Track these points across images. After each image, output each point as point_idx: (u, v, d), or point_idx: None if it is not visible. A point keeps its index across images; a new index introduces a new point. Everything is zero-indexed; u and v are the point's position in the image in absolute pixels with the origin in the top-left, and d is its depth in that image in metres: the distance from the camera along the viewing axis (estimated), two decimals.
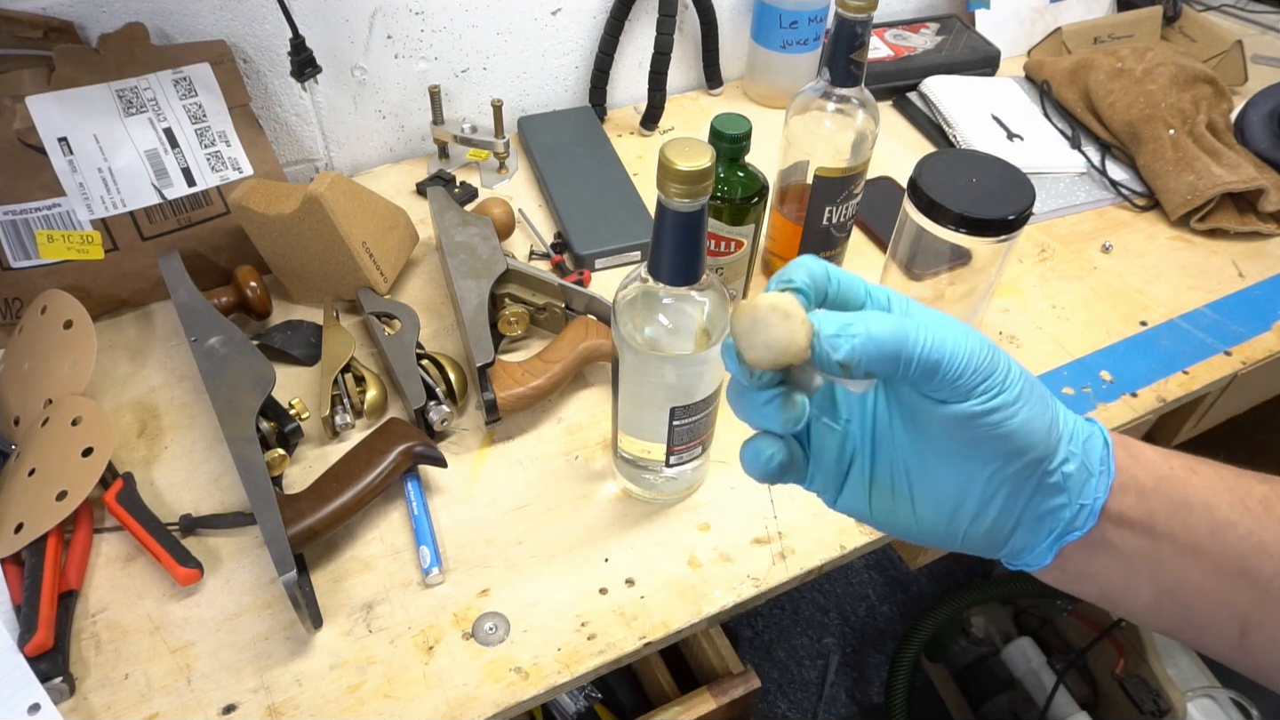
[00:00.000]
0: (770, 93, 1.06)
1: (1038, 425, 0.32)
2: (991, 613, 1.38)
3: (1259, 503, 0.33)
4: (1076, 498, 0.33)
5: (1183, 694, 1.12)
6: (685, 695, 0.68)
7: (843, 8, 0.64)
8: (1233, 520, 0.33)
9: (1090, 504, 0.33)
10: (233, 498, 0.65)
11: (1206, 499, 0.33)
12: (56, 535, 0.59)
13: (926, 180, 0.67)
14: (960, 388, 0.30)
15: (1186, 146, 0.92)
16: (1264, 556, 0.32)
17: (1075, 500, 0.33)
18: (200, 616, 0.59)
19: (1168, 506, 0.33)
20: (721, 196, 0.71)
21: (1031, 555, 0.35)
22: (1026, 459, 0.32)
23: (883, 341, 0.30)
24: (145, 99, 0.75)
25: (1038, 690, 1.24)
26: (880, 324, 0.30)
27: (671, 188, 0.45)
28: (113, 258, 0.75)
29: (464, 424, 0.71)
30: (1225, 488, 0.33)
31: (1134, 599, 0.35)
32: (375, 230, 0.76)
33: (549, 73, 1.00)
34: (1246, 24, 1.21)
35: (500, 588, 0.60)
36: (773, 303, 0.30)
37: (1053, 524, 0.33)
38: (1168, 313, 0.83)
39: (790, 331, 0.29)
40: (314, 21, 0.83)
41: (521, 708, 0.56)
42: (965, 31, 1.13)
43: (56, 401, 0.64)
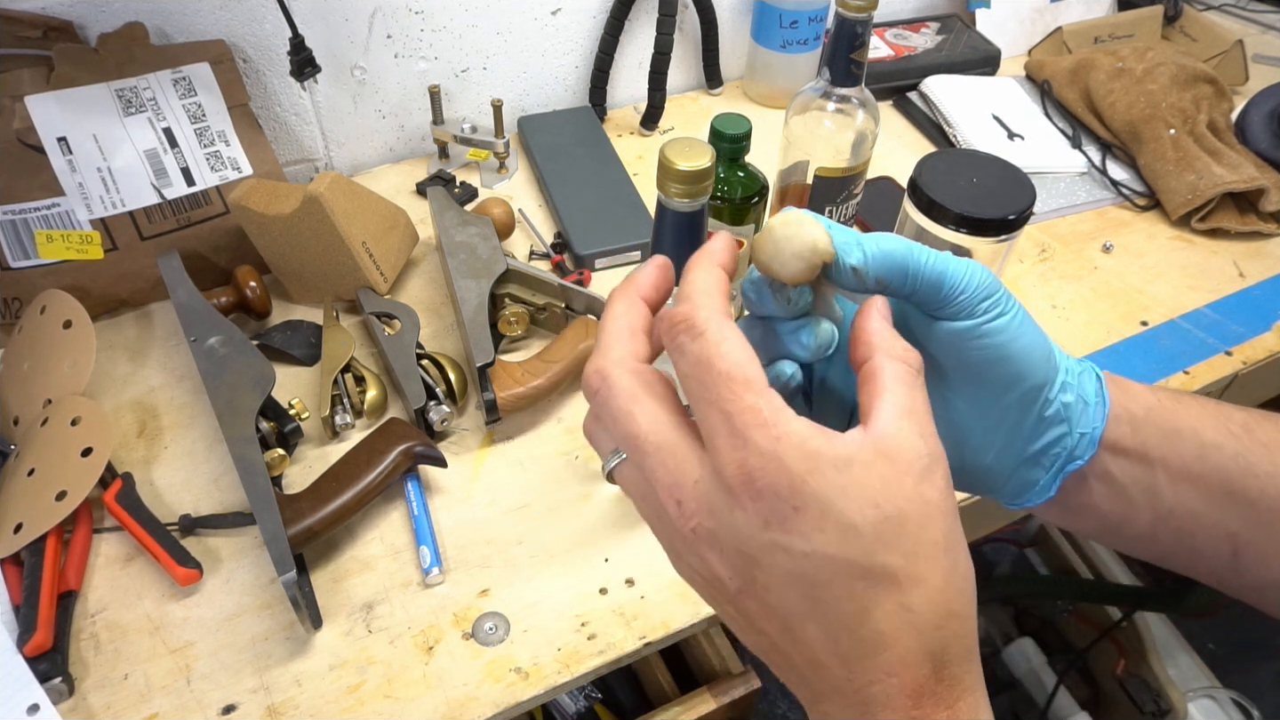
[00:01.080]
0: (770, 93, 1.06)
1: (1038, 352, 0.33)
2: (992, 613, 1.38)
3: (1240, 427, 0.35)
4: (1076, 426, 0.34)
5: (1183, 694, 1.12)
6: (685, 695, 0.68)
7: (843, 7, 0.64)
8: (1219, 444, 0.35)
9: (1090, 433, 0.35)
10: (232, 498, 0.65)
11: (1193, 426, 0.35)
12: (56, 535, 0.59)
13: (927, 180, 0.67)
14: (965, 303, 0.32)
15: (1187, 146, 0.92)
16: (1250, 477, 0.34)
17: (1075, 429, 0.34)
18: (200, 617, 0.58)
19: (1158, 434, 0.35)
20: (721, 196, 0.71)
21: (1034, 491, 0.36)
22: (1027, 384, 0.33)
23: (890, 251, 0.31)
24: (144, 98, 0.75)
25: (1038, 690, 1.23)
26: (889, 239, 0.32)
27: (671, 187, 0.45)
28: (112, 257, 0.75)
29: (464, 424, 0.71)
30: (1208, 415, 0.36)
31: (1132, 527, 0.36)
32: (375, 230, 0.76)
33: (549, 73, 1.00)
34: (1247, 23, 1.21)
35: (500, 588, 0.60)
36: (785, 219, 0.31)
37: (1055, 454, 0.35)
38: (1168, 313, 0.83)
39: (812, 234, 0.31)
40: (313, 21, 0.83)
41: (521, 708, 0.55)
42: (966, 31, 1.13)
43: (56, 401, 0.64)
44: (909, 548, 0.28)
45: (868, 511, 0.27)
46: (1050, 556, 1.36)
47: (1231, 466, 0.34)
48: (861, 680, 0.28)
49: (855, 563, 0.27)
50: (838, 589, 0.27)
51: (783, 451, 0.27)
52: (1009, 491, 0.37)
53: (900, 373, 0.30)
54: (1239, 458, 0.34)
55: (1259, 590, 0.36)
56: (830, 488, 0.27)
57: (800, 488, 0.27)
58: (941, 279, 0.32)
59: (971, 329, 0.32)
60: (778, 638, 0.29)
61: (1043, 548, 1.38)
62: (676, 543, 0.30)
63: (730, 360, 0.28)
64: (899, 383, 0.29)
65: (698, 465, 0.29)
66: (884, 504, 0.27)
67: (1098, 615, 1.24)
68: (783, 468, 0.27)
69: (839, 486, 0.27)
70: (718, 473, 0.28)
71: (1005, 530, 1.38)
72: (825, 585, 0.27)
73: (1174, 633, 1.18)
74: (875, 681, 0.28)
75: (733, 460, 0.27)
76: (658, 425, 0.29)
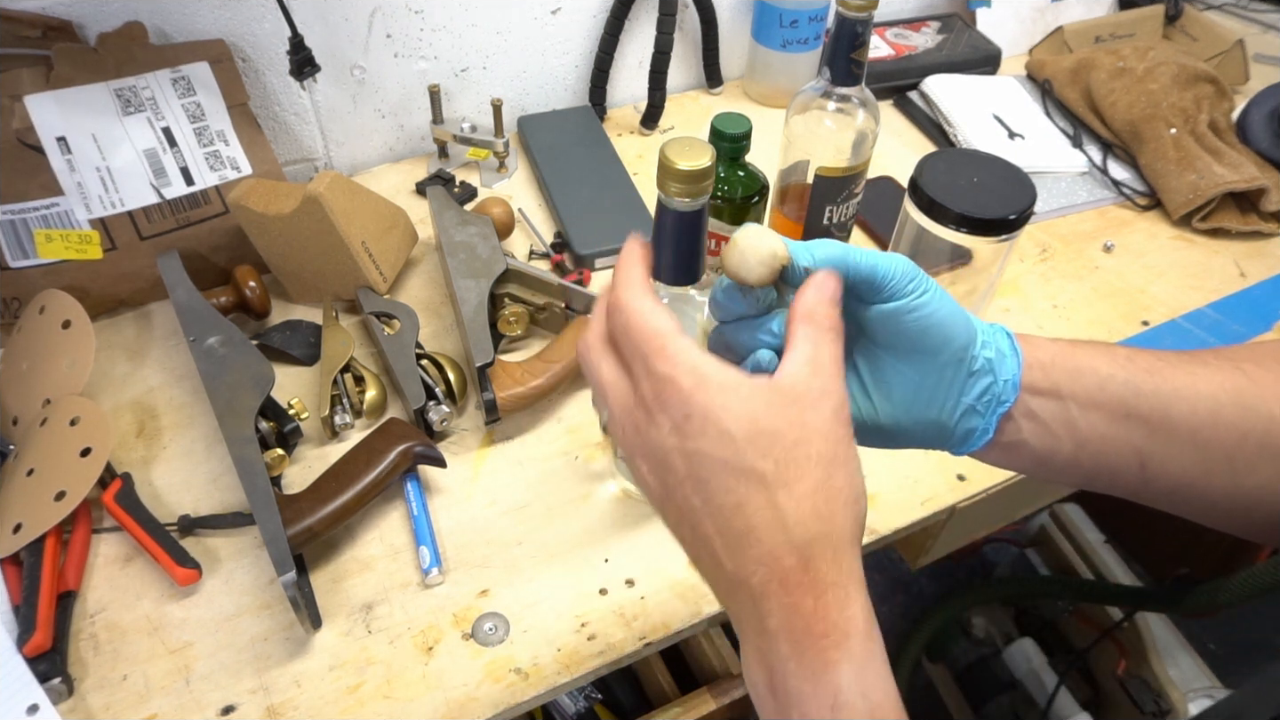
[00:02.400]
0: (770, 92, 1.06)
1: (957, 319, 0.40)
2: (992, 613, 1.38)
3: (1125, 358, 0.42)
4: (1000, 375, 0.41)
5: (1184, 694, 1.12)
6: (685, 696, 0.68)
7: (843, 7, 0.64)
8: (1112, 374, 0.41)
9: (1011, 378, 0.41)
10: (232, 498, 0.65)
11: (1091, 364, 0.41)
12: (55, 536, 0.59)
13: (927, 180, 0.67)
14: (894, 288, 0.39)
15: (1188, 146, 0.91)
16: (1140, 397, 0.41)
17: (1000, 377, 0.41)
18: (199, 617, 0.58)
19: (1064, 374, 0.41)
20: (722, 196, 0.71)
21: (976, 436, 0.42)
22: (955, 345, 0.40)
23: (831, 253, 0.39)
24: (144, 98, 0.75)
25: (1039, 691, 1.23)
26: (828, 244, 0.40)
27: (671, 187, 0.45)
28: (111, 257, 0.75)
29: (463, 424, 0.71)
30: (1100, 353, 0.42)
31: (1058, 456, 0.42)
32: (375, 230, 0.76)
33: (549, 72, 1.00)
34: (1248, 23, 1.21)
35: (500, 588, 0.60)
36: (746, 232, 0.39)
37: (987, 400, 0.41)
38: (1169, 312, 0.82)
39: (770, 243, 0.38)
40: (313, 20, 0.83)
41: (521, 708, 0.55)
42: (966, 30, 1.13)
43: (55, 401, 0.64)
44: (780, 456, 0.34)
45: (744, 423, 0.34)
46: (1050, 556, 1.36)
47: (1124, 391, 0.41)
48: (744, 571, 0.34)
49: (729, 462, 0.34)
50: (716, 484, 0.34)
51: (678, 375, 0.35)
52: (956, 440, 0.43)
53: (807, 332, 0.37)
54: (1129, 383, 0.41)
55: (1168, 495, 0.42)
56: (713, 401, 0.34)
57: (689, 399, 0.34)
58: (874, 270, 0.39)
59: (903, 306, 0.39)
60: (691, 539, 0.36)
61: (1043, 548, 1.38)
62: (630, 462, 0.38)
63: (641, 318, 0.36)
64: (805, 340, 0.37)
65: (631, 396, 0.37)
66: (761, 420, 0.34)
67: (1098, 615, 1.23)
68: (678, 386, 0.35)
69: (721, 402, 0.34)
70: (641, 398, 0.36)
71: (1005, 530, 1.38)
72: (707, 481, 0.35)
73: (1174, 633, 1.18)
74: (753, 572, 0.34)
75: (647, 384, 0.36)
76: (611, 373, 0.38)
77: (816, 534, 0.34)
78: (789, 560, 0.34)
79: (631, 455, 0.38)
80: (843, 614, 0.34)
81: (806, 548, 0.34)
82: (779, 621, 0.34)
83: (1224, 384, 0.41)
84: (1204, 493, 0.42)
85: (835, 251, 0.39)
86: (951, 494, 0.67)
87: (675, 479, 0.35)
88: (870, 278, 0.39)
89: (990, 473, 0.68)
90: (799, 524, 0.34)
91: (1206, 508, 0.43)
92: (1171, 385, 0.41)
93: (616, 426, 0.38)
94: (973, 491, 0.68)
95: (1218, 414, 0.40)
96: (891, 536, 0.65)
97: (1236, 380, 0.41)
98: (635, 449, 0.37)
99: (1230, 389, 0.41)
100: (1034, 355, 0.42)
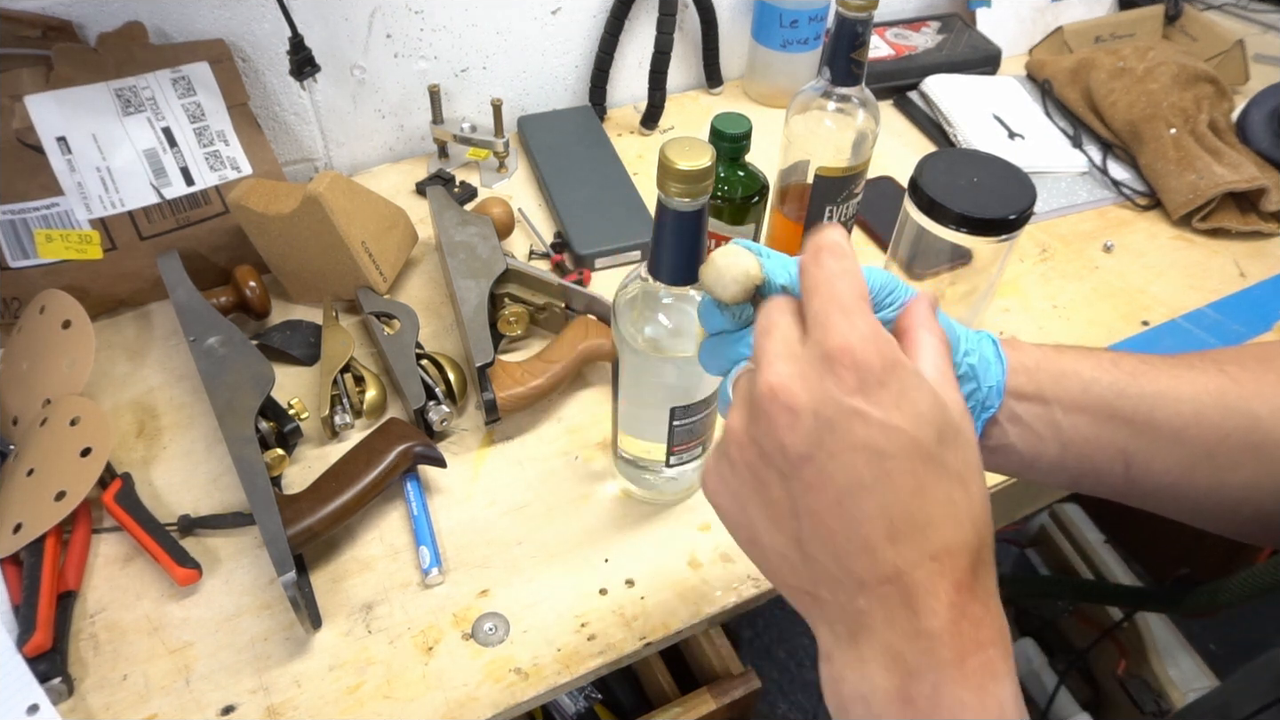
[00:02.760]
0: (770, 92, 1.06)
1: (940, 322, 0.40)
2: None
3: (1109, 361, 0.42)
4: (984, 381, 0.41)
5: (1184, 695, 1.12)
6: (685, 696, 0.68)
7: (843, 7, 0.64)
8: (1096, 377, 0.42)
9: (996, 384, 0.41)
10: (232, 498, 0.65)
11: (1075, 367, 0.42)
12: (55, 536, 0.59)
13: (927, 180, 0.67)
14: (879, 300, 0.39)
15: (1188, 146, 0.91)
16: (1124, 399, 0.41)
17: (984, 383, 0.41)
18: (199, 617, 0.58)
19: (1048, 378, 0.42)
20: (722, 196, 0.71)
21: None
22: None
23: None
24: (144, 98, 0.75)
25: (1039, 691, 1.23)
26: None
27: (671, 187, 0.45)
28: (111, 257, 0.75)
29: (463, 424, 0.71)
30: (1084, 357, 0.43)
31: (1045, 459, 0.43)
32: (375, 230, 0.76)
33: (549, 72, 1.00)
34: (1248, 23, 1.21)
35: (500, 588, 0.60)
36: (723, 251, 0.39)
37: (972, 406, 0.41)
38: (1169, 312, 0.82)
39: (745, 263, 0.38)
40: (313, 20, 0.83)
41: (521, 708, 0.55)
42: (966, 30, 1.13)
43: (55, 401, 0.64)
44: (963, 455, 0.33)
45: (937, 410, 0.32)
46: (1050, 556, 1.36)
47: (1108, 394, 0.41)
48: (908, 561, 0.31)
49: (921, 444, 0.31)
50: (902, 463, 0.31)
51: (881, 339, 0.32)
52: None
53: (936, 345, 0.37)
54: (1113, 386, 0.42)
55: (1152, 494, 0.43)
56: (911, 379, 0.32)
57: (891, 368, 0.32)
58: None
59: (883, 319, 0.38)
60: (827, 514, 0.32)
61: (1043, 548, 1.38)
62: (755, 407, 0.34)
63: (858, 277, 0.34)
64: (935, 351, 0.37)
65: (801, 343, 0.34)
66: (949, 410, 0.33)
67: (1098, 615, 1.23)
68: (879, 350, 0.32)
69: (916, 382, 0.32)
70: (821, 343, 0.32)
71: (1005, 530, 1.38)
72: (892, 457, 0.31)
73: (1175, 633, 1.18)
74: (920, 565, 0.31)
75: (839, 334, 0.32)
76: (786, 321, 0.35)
77: (986, 540, 0.33)
78: (964, 560, 0.31)
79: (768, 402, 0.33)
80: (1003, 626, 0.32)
81: (980, 551, 0.32)
82: (944, 623, 0.31)
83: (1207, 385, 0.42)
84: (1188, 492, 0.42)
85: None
86: None
87: (842, 444, 0.31)
88: None
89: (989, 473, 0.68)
90: (975, 526, 0.32)
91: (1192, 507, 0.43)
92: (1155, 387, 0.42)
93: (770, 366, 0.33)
94: None
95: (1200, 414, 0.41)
96: None
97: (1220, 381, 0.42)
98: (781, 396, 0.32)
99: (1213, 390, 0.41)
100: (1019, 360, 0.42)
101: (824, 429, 0.31)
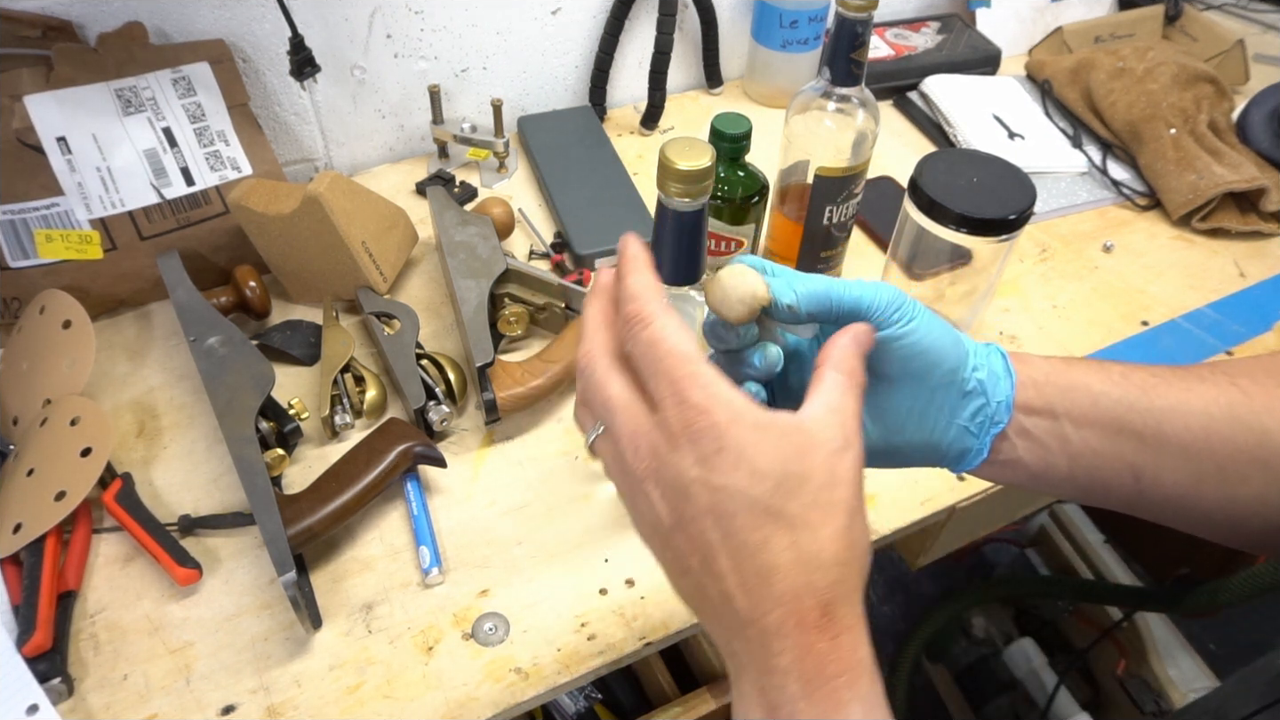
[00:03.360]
0: (770, 92, 1.06)
1: (945, 342, 0.41)
2: (992, 613, 1.38)
3: (1119, 375, 0.43)
4: (993, 396, 0.42)
5: (1184, 695, 1.12)
6: (685, 695, 0.68)
7: (843, 7, 0.64)
8: (1105, 391, 0.42)
9: (1004, 399, 0.42)
10: (232, 498, 0.65)
11: (1084, 381, 0.43)
12: (55, 536, 0.59)
13: (927, 180, 0.67)
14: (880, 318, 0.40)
15: (1188, 146, 0.92)
16: (1134, 413, 0.42)
17: (992, 399, 0.42)
18: (199, 617, 0.58)
19: (1057, 392, 0.42)
20: (722, 196, 0.71)
21: (971, 455, 0.43)
22: (944, 369, 0.41)
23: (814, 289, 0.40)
24: (144, 98, 0.75)
25: (1039, 691, 1.23)
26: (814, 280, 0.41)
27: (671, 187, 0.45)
28: (111, 257, 0.75)
29: (464, 424, 0.71)
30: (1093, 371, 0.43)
31: (1054, 472, 0.43)
32: (375, 230, 0.76)
33: (549, 72, 1.00)
34: (1248, 23, 1.21)
35: (500, 588, 0.60)
36: (730, 270, 0.40)
37: (980, 421, 0.42)
38: (1169, 312, 0.82)
39: (752, 284, 0.39)
40: (313, 20, 0.83)
41: (521, 708, 0.55)
42: (966, 31, 1.13)
43: (55, 401, 0.64)
44: (807, 500, 0.34)
45: (775, 464, 0.34)
46: (1050, 556, 1.36)
47: (1118, 408, 0.42)
48: (760, 609, 0.34)
49: (759, 500, 0.34)
50: (742, 520, 0.34)
51: (713, 406, 0.34)
52: (952, 459, 0.44)
53: (837, 380, 0.37)
54: (1122, 400, 0.42)
55: (1162, 507, 0.43)
56: (747, 439, 0.34)
57: (724, 434, 0.34)
58: (858, 303, 0.40)
59: (891, 335, 0.40)
60: (699, 573, 0.36)
61: (1043, 548, 1.38)
62: (633, 486, 0.37)
63: (672, 340, 0.35)
64: (834, 386, 0.37)
65: (649, 420, 0.36)
66: (791, 463, 0.34)
67: (1098, 615, 1.23)
68: (712, 418, 0.34)
69: (755, 440, 0.34)
70: (664, 424, 0.35)
71: (1005, 530, 1.38)
72: (733, 516, 0.34)
73: (1174, 633, 1.18)
74: (769, 611, 0.34)
75: (675, 412, 0.35)
76: (624, 393, 0.37)
77: (836, 578, 0.34)
78: (809, 601, 0.34)
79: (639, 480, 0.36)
80: (854, 656, 0.34)
81: (828, 590, 0.34)
82: (791, 660, 0.34)
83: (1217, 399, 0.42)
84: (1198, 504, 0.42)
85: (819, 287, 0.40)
86: (951, 494, 0.67)
87: (694, 510, 0.35)
88: (855, 310, 0.40)
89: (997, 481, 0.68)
90: (821, 568, 0.34)
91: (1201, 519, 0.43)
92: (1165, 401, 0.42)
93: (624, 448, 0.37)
94: (972, 491, 0.68)
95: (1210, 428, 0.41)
96: (891, 536, 0.65)
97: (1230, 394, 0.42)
98: (647, 474, 0.36)
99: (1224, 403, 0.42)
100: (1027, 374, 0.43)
101: (680, 500, 0.35)
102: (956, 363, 0.42)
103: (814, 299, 0.40)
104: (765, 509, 0.34)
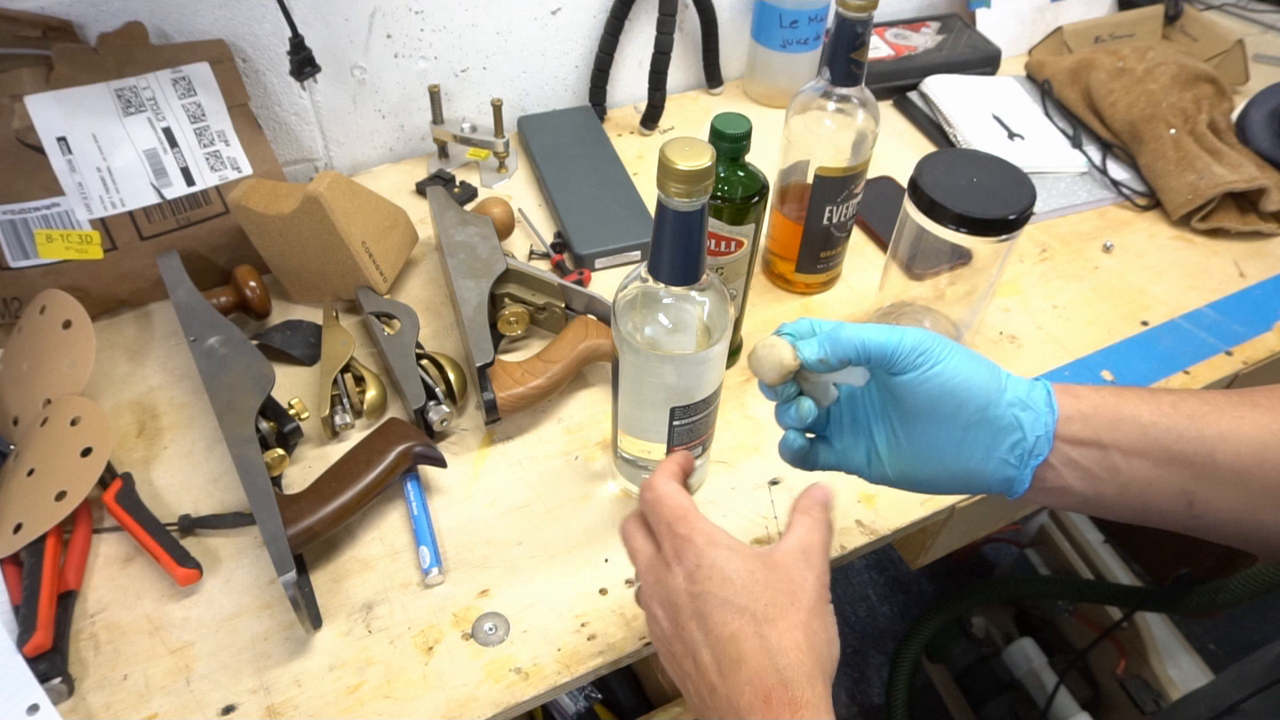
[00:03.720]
0: (770, 92, 1.06)
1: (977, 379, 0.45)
2: (992, 613, 1.38)
3: (1170, 405, 0.45)
4: (1030, 431, 0.45)
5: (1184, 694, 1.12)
6: None
7: (843, 7, 0.64)
8: (1155, 422, 0.44)
9: (1044, 433, 0.45)
10: (232, 498, 0.65)
11: (1133, 412, 0.44)
12: (55, 535, 0.59)
13: (927, 180, 0.67)
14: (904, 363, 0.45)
15: (1188, 146, 0.92)
16: (1184, 442, 0.43)
17: (1030, 434, 0.45)
18: (199, 617, 0.58)
19: (1106, 424, 0.44)
20: (721, 196, 0.71)
21: (1015, 483, 0.46)
22: (973, 406, 0.45)
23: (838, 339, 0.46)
24: (144, 98, 0.75)
25: (1038, 691, 1.23)
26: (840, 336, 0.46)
27: (671, 187, 0.45)
28: (111, 257, 0.75)
29: (464, 424, 0.71)
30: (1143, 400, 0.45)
31: (1104, 499, 0.45)
32: (375, 230, 0.76)
33: (549, 72, 1.00)
34: (1248, 23, 1.21)
35: (500, 588, 0.60)
36: (764, 343, 0.48)
37: (1019, 453, 0.45)
38: (1169, 312, 0.82)
39: (780, 353, 0.47)
40: (313, 21, 0.83)
41: (521, 708, 0.55)
42: (966, 31, 1.13)
43: (55, 401, 0.64)
44: (769, 600, 0.42)
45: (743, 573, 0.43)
46: (1050, 556, 1.36)
47: (1167, 438, 0.44)
48: (735, 692, 0.41)
49: (730, 600, 0.42)
50: (717, 617, 0.42)
51: (694, 535, 0.44)
52: (997, 486, 0.47)
53: (805, 523, 0.46)
54: (1171, 430, 0.44)
55: (1219, 530, 0.45)
56: (720, 555, 0.43)
57: (701, 553, 0.44)
58: (883, 349, 0.45)
59: (916, 378, 0.45)
60: (691, 670, 0.43)
61: (1043, 548, 1.38)
62: (647, 610, 0.47)
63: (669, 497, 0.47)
64: (801, 528, 0.46)
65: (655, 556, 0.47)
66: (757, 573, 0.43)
67: (1098, 615, 1.23)
68: (693, 543, 0.44)
69: (726, 556, 0.43)
70: (662, 555, 0.46)
71: (1005, 530, 1.38)
72: (709, 615, 0.42)
73: (1174, 633, 1.18)
74: (741, 692, 0.40)
75: (669, 544, 0.45)
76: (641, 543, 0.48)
77: (795, 662, 0.40)
78: (771, 680, 0.40)
79: (650, 602, 0.46)
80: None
81: (786, 671, 0.40)
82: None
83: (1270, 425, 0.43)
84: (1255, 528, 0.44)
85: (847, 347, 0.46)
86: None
87: (683, 616, 0.43)
88: (881, 356, 0.45)
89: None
90: (781, 653, 0.41)
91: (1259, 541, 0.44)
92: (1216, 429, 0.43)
93: (641, 580, 0.47)
94: None
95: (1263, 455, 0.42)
96: (891, 536, 0.65)
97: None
98: (654, 595, 0.45)
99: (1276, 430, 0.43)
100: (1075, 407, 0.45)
101: (674, 610, 0.44)
102: (987, 400, 0.44)
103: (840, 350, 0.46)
104: (735, 607, 0.42)
